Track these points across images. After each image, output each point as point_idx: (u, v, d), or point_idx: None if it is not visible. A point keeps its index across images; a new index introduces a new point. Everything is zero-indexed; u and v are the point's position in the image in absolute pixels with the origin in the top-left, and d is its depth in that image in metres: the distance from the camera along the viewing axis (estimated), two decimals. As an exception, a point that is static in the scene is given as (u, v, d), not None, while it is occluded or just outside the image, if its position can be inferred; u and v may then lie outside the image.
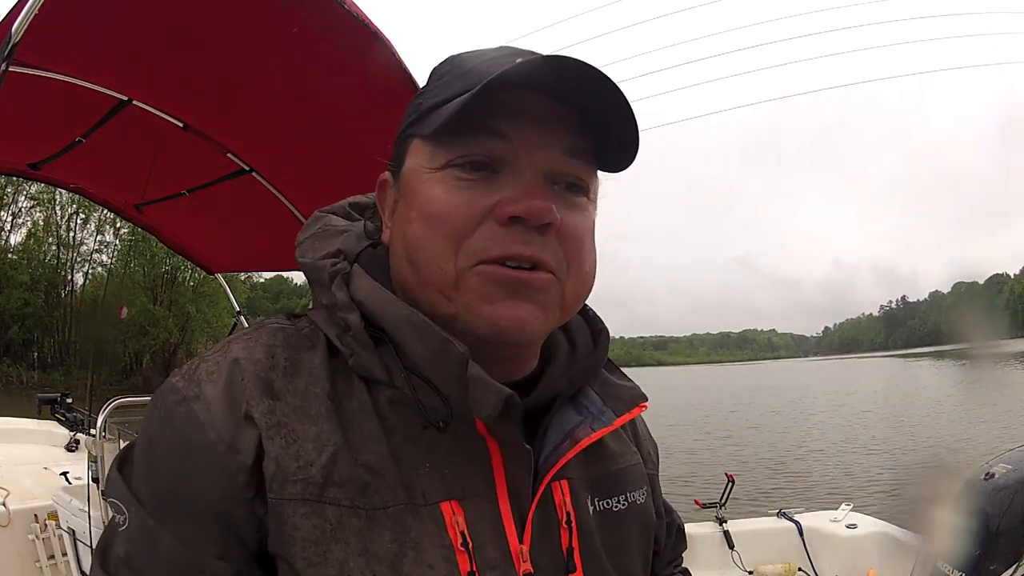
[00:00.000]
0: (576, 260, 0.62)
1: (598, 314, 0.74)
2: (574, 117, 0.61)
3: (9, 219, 35.71)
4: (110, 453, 2.51)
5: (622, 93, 0.58)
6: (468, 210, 0.59)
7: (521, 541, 0.62)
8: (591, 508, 0.69)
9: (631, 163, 0.63)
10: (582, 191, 0.64)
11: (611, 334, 0.75)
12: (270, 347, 0.62)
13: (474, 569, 0.58)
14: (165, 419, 0.59)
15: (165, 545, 0.56)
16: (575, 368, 0.69)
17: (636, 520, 0.73)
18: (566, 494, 0.67)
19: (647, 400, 0.75)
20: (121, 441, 2.54)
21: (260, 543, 0.57)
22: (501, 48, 0.64)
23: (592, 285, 0.66)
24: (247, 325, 3.89)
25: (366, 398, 0.61)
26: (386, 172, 0.69)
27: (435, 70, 0.67)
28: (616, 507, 0.71)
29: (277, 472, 0.56)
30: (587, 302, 0.70)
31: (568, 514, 0.66)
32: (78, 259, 37.78)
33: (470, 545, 0.59)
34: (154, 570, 0.56)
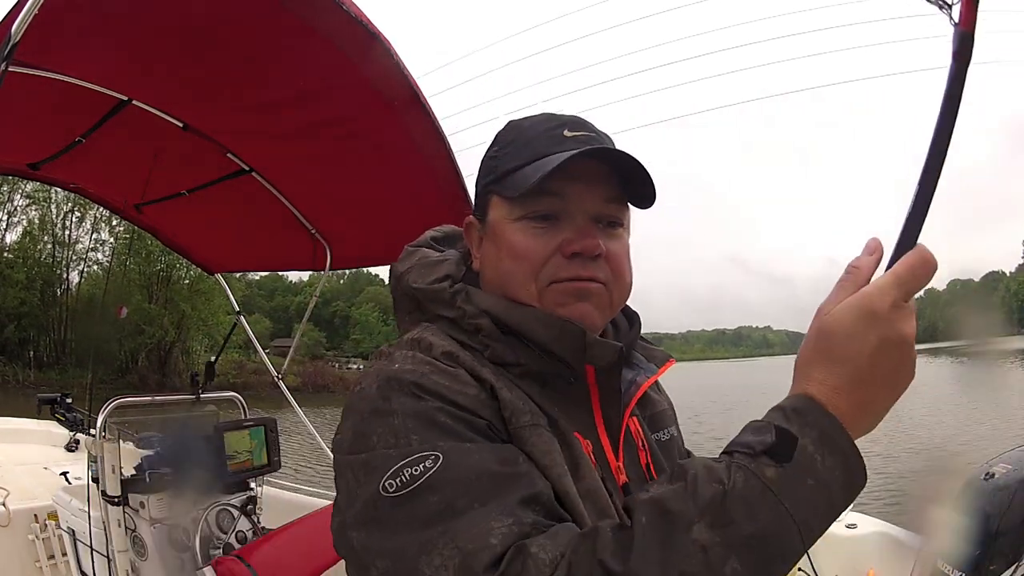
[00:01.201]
0: (619, 274, 0.88)
1: (629, 304, 0.98)
2: (611, 174, 0.86)
3: (5, 217, 35.67)
4: (110, 453, 2.51)
5: (640, 163, 0.83)
6: (543, 250, 0.85)
7: (617, 459, 0.88)
8: (656, 440, 0.96)
9: (652, 204, 0.87)
10: (619, 225, 0.89)
11: None
12: (452, 342, 0.84)
13: (603, 478, 0.83)
14: (415, 389, 0.75)
15: (482, 452, 0.71)
16: (621, 340, 0.93)
17: (675, 448, 1.01)
18: (638, 426, 0.94)
19: (673, 358, 1.00)
20: (121, 441, 2.54)
21: None
22: (550, 118, 0.90)
23: (630, 290, 0.91)
24: (247, 326, 3.94)
25: (505, 374, 0.83)
26: (471, 216, 0.95)
27: (501, 136, 0.92)
28: (663, 438, 0.99)
29: (514, 409, 0.78)
30: None
31: (643, 440, 0.93)
32: (74, 257, 37.73)
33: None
34: (486, 468, 0.70)
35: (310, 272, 3.86)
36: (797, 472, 0.61)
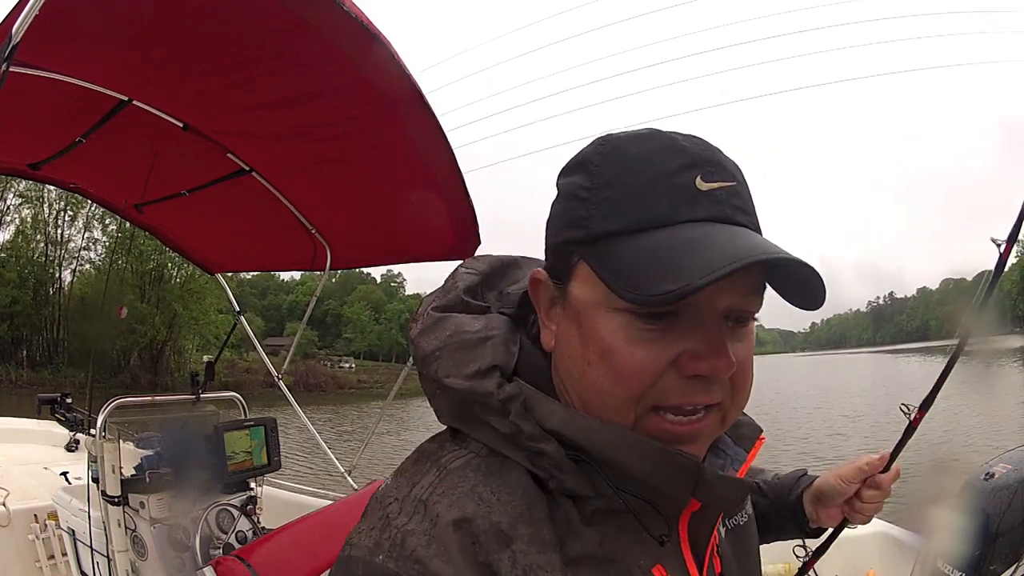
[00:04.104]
0: (741, 387, 0.62)
1: None
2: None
3: (-3, 216, 35.48)
4: (110, 453, 2.51)
5: (815, 272, 0.58)
6: (655, 365, 0.57)
7: None
8: (724, 530, 0.77)
9: (820, 306, 0.60)
10: (751, 319, 0.63)
11: None
12: (474, 489, 0.59)
13: None
14: None
15: None
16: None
17: (749, 532, 0.82)
18: (716, 528, 0.72)
19: (763, 431, 0.79)
20: (121, 441, 2.54)
21: None
22: (670, 146, 0.60)
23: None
24: (247, 325, 3.93)
25: (573, 510, 0.61)
26: (541, 271, 0.66)
27: (596, 163, 0.61)
28: (741, 521, 0.80)
29: None
30: None
31: (717, 547, 0.73)
32: (66, 256, 37.58)
33: None
34: None
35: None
36: None
